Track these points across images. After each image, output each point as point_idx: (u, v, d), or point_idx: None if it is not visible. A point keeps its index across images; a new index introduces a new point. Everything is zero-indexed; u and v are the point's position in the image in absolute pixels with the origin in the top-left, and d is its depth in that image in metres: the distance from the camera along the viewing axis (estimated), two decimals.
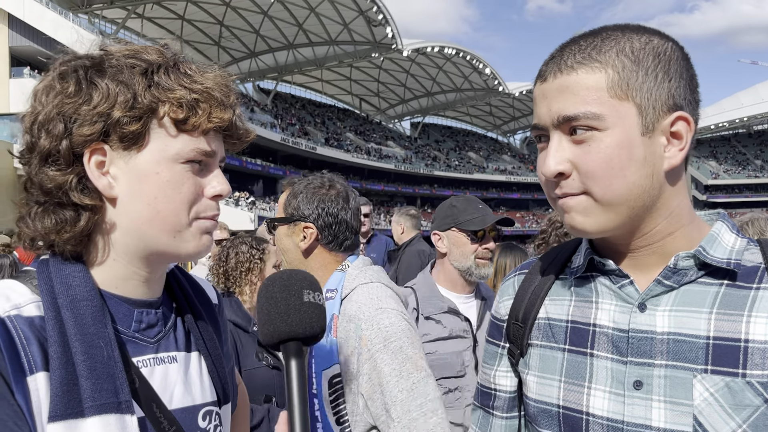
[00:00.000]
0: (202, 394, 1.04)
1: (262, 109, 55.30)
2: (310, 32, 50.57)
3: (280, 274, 0.90)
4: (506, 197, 77.48)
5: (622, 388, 0.89)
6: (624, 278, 0.93)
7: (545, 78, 0.90)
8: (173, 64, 0.94)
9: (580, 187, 0.87)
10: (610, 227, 0.88)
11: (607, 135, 0.84)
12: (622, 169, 0.85)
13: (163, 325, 1.01)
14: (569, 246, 1.07)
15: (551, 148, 0.88)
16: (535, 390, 1.00)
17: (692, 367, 0.84)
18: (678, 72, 0.87)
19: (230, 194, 1.00)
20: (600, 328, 0.93)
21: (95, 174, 0.90)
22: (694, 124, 0.88)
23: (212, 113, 0.93)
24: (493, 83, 64.13)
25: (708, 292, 0.88)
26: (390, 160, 65.74)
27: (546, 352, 1.00)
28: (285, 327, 0.82)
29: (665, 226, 0.90)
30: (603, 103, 0.84)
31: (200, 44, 50.45)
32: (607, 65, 0.85)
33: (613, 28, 0.90)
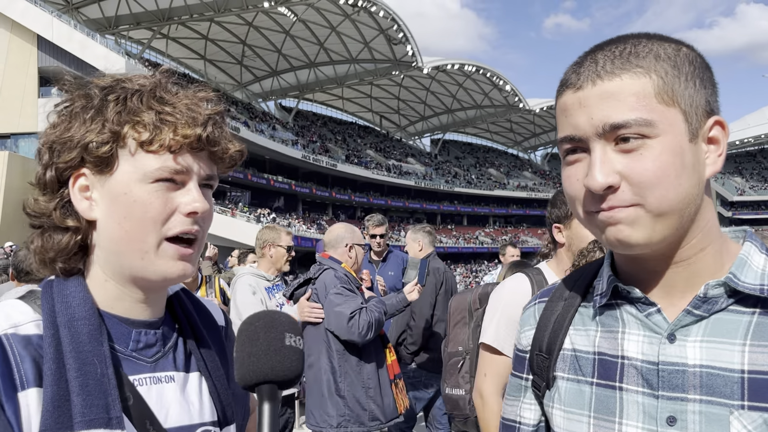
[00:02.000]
0: (200, 414, 1.05)
1: (284, 127, 55.90)
2: (331, 51, 51.16)
3: (264, 315, 0.89)
4: (527, 214, 77.02)
5: (655, 424, 0.85)
6: (651, 306, 0.88)
7: (580, 86, 0.84)
8: (150, 89, 0.97)
9: (632, 199, 0.82)
10: (658, 239, 0.83)
11: (658, 142, 0.81)
12: (677, 177, 0.81)
13: (162, 345, 1.04)
14: (589, 270, 1.04)
15: (596, 160, 0.82)
16: (563, 426, 0.97)
17: (728, 402, 0.81)
18: (709, 79, 0.86)
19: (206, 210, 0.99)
20: (629, 360, 0.89)
21: (77, 197, 0.96)
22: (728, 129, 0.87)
23: (177, 130, 0.94)
24: (514, 100, 64.11)
25: (740, 321, 0.83)
26: (410, 177, 65.85)
27: (573, 386, 0.96)
28: (265, 369, 0.81)
29: (700, 240, 0.87)
30: (653, 110, 0.81)
31: (223, 63, 51.32)
32: (650, 70, 0.82)
33: (638, 36, 0.87)
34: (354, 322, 3.47)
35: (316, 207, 58.15)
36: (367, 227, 5.50)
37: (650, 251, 0.86)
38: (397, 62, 51.98)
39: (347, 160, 59.35)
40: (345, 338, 3.53)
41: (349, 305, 3.52)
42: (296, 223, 47.57)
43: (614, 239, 0.84)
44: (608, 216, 0.83)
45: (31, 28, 31.84)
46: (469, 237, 67.59)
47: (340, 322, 3.50)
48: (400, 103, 67.10)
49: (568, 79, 0.87)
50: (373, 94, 64.78)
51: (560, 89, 0.89)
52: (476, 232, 70.13)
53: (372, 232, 5.43)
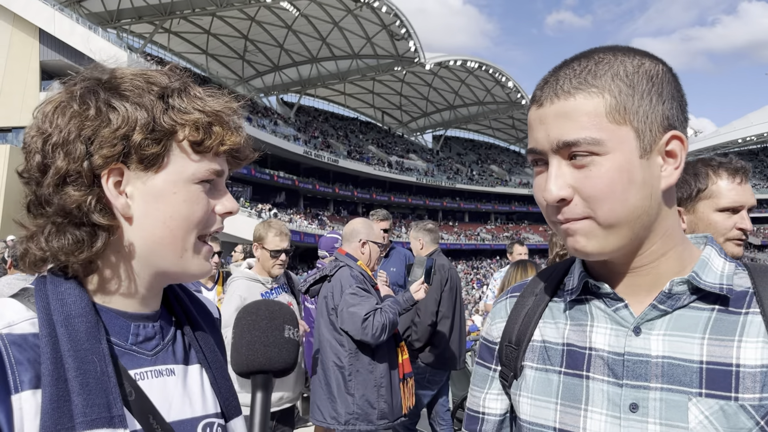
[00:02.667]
0: (203, 406, 1.05)
1: (285, 122, 55.84)
2: (333, 46, 51.06)
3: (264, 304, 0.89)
4: (529, 211, 76.94)
5: (618, 411, 0.90)
6: (619, 302, 0.94)
7: (541, 103, 0.90)
8: (183, 87, 0.97)
9: (583, 212, 0.87)
10: (612, 249, 0.89)
11: (607, 159, 0.85)
12: (623, 192, 0.85)
13: (161, 338, 1.03)
14: (561, 267, 1.08)
15: (551, 174, 0.88)
16: (529, 412, 1.00)
17: (687, 390, 0.86)
18: (670, 93, 0.89)
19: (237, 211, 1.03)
20: (596, 352, 0.94)
21: (113, 194, 0.92)
22: (687, 142, 0.90)
23: (225, 136, 0.97)
24: (516, 96, 63.98)
25: (700, 317, 0.89)
26: (412, 173, 65.82)
27: (541, 375, 1.00)
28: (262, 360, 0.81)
29: (660, 246, 0.92)
30: (602, 129, 0.85)
31: (225, 58, 51.25)
32: (603, 90, 0.86)
33: (604, 50, 0.90)
34: (368, 324, 3.48)
35: (318, 203, 58.11)
36: (373, 221, 5.49)
37: (610, 258, 0.91)
38: (400, 58, 51.86)
39: (349, 155, 59.32)
40: (359, 339, 3.53)
41: (363, 306, 3.52)
42: (297, 218, 47.56)
43: (572, 248, 0.91)
44: (566, 228, 0.89)
45: (33, 21, 31.78)
46: (471, 234, 67.56)
47: (354, 322, 3.50)
48: (402, 99, 66.99)
49: (534, 95, 0.92)
50: (375, 90, 64.68)
51: (529, 104, 0.94)
52: (477, 229, 70.10)
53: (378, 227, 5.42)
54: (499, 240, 66.81)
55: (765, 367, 0.84)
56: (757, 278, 0.91)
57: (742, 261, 0.99)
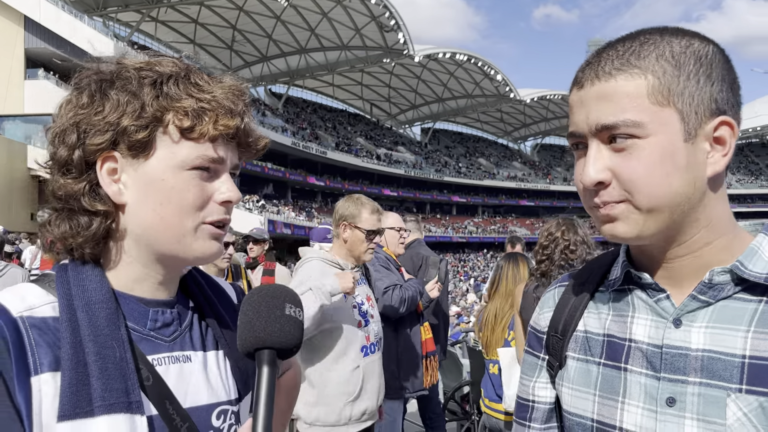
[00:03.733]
0: (218, 392, 1.05)
1: (273, 113, 55.59)
2: (322, 37, 50.81)
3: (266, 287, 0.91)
4: (516, 204, 77.28)
5: (655, 405, 0.89)
6: (660, 292, 0.92)
7: (582, 85, 0.88)
8: (184, 74, 0.97)
9: (620, 195, 0.85)
10: (649, 234, 0.87)
11: (648, 143, 0.83)
12: (664, 177, 0.83)
13: (179, 324, 1.04)
14: (607, 258, 1.07)
15: (590, 157, 0.87)
16: (570, 403, 1.00)
17: (726, 386, 0.83)
18: (720, 75, 0.85)
19: (240, 200, 1.02)
20: (635, 343, 0.93)
21: (106, 181, 0.95)
22: (738, 128, 0.86)
23: (218, 121, 0.95)
24: (505, 90, 64.08)
25: (746, 309, 0.85)
26: (400, 166, 65.82)
27: (582, 366, 1.00)
28: (263, 335, 0.84)
29: (704, 234, 0.89)
30: (643, 110, 0.82)
31: (213, 48, 50.82)
32: (647, 71, 0.83)
33: (652, 31, 0.87)
34: (387, 296, 3.73)
35: (306, 194, 58.03)
36: None
37: (648, 243, 0.90)
38: (389, 50, 51.72)
39: (337, 147, 59.20)
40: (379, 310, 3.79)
41: (384, 281, 3.77)
42: (285, 210, 47.47)
43: (609, 234, 0.89)
44: (604, 214, 0.87)
45: (18, 8, 31.27)
46: (458, 226, 67.77)
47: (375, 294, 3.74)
48: (391, 91, 66.87)
49: (576, 76, 0.90)
50: (363, 82, 64.49)
51: (571, 87, 0.92)
52: (465, 222, 70.31)
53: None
54: (487, 233, 67.12)
55: None
56: None
57: None
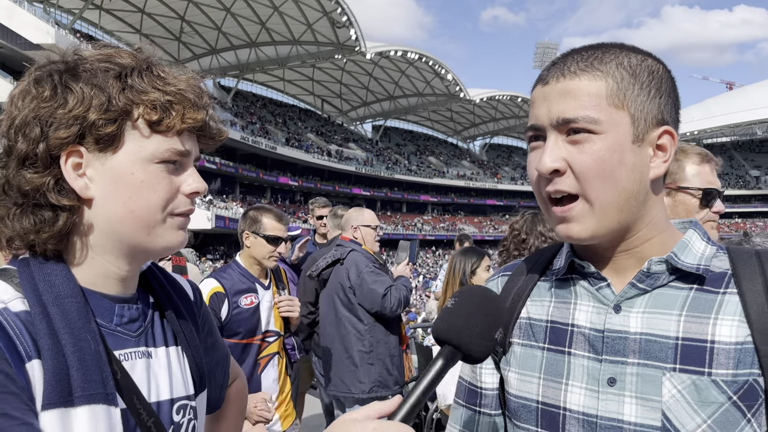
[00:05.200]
0: (178, 387, 1.06)
1: (222, 107, 54.61)
2: (273, 31, 50.21)
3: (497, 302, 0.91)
4: (465, 202, 78.24)
5: (596, 385, 0.94)
6: (602, 281, 0.98)
7: (547, 81, 0.95)
8: (146, 66, 0.96)
9: (572, 185, 0.92)
10: (602, 233, 0.94)
11: (601, 138, 0.90)
12: (612, 171, 0.90)
13: (144, 319, 1.04)
14: (552, 249, 1.13)
15: (548, 147, 0.93)
16: (515, 386, 1.05)
17: (662, 365, 0.90)
18: (667, 91, 0.94)
19: (206, 191, 1.02)
20: (578, 328, 0.99)
21: (72, 175, 0.93)
22: (677, 139, 0.95)
23: (186, 114, 0.96)
24: (455, 89, 64.75)
25: (678, 295, 0.94)
26: (351, 162, 65.72)
27: (527, 351, 1.04)
28: (469, 341, 0.84)
29: (645, 232, 0.97)
30: (601, 110, 0.90)
31: (160, 39, 49.53)
32: (607, 75, 0.91)
33: (612, 45, 0.97)
34: (387, 299, 3.89)
35: (255, 190, 57.23)
36: (312, 209, 5.56)
37: (598, 242, 0.96)
38: (340, 46, 51.53)
39: (287, 143, 58.63)
40: (377, 311, 3.93)
41: (382, 283, 3.92)
42: (234, 205, 46.73)
43: (565, 234, 0.95)
44: (561, 214, 0.94)
45: None
46: (408, 224, 68.13)
47: (374, 298, 3.90)
48: (343, 87, 66.67)
49: (540, 75, 0.97)
50: (315, 77, 64.09)
51: (534, 85, 0.99)
52: (415, 219, 70.76)
53: (318, 213, 5.51)
54: (437, 230, 67.74)
55: (739, 345, 0.88)
56: (737, 260, 0.95)
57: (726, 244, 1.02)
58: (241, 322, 3.10)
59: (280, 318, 3.34)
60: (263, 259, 3.23)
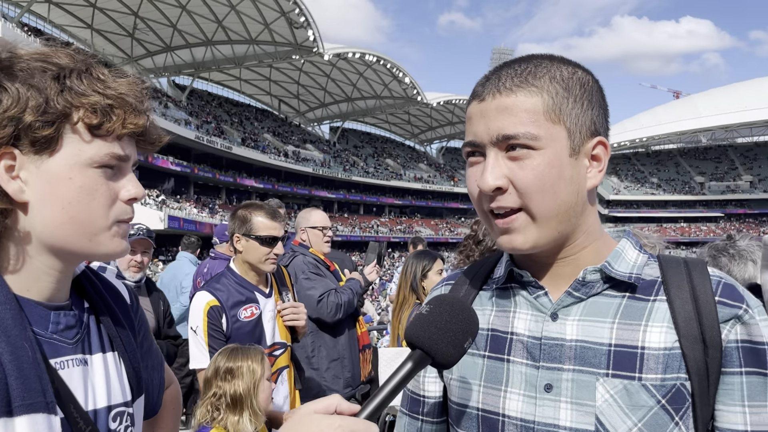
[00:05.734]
0: (115, 394, 1.04)
1: (176, 105, 53.60)
2: (229, 30, 49.55)
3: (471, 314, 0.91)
4: (422, 205, 78.72)
5: (534, 391, 0.96)
6: (539, 290, 1.00)
7: (483, 98, 0.95)
8: (85, 68, 0.93)
9: (515, 201, 0.93)
10: (543, 243, 0.95)
11: (540, 154, 0.91)
12: (552, 185, 0.92)
13: (79, 326, 1.01)
14: (493, 258, 1.14)
15: (489, 164, 0.93)
16: (457, 394, 1.06)
17: (596, 371, 0.93)
18: (598, 102, 0.97)
19: (144, 196, 1.01)
20: (517, 336, 1.01)
21: (5, 178, 0.89)
22: (609, 148, 0.98)
23: (127, 119, 0.93)
24: (412, 93, 65.09)
25: (612, 303, 0.96)
26: (308, 164, 65.35)
27: (467, 358, 1.05)
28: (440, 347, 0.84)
29: (582, 240, 0.99)
30: (540, 125, 0.91)
31: (112, 34, 48.36)
32: (542, 90, 0.92)
33: (541, 57, 0.98)
34: (323, 304, 3.79)
35: (210, 190, 56.33)
36: None
37: (538, 252, 0.98)
38: (298, 46, 51.22)
39: (243, 143, 57.92)
40: (315, 317, 3.83)
41: (317, 288, 3.82)
42: (187, 206, 45.91)
43: (507, 245, 0.97)
44: (503, 225, 0.95)
45: None
46: (365, 226, 68.16)
47: (310, 304, 3.77)
48: (300, 88, 66.25)
49: (476, 90, 0.98)
50: (272, 77, 63.50)
51: (469, 99, 0.99)
52: (372, 221, 70.84)
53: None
54: (394, 233, 67.97)
55: (668, 350, 0.91)
56: (666, 268, 0.98)
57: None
58: (242, 338, 2.74)
59: (285, 327, 3.04)
60: (259, 263, 2.87)
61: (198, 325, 2.72)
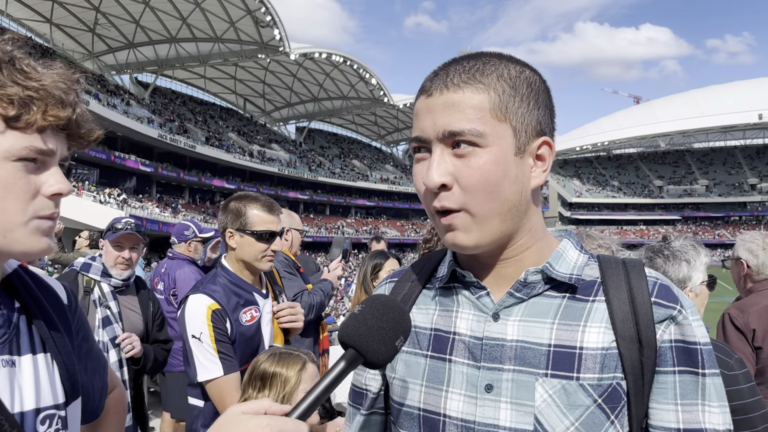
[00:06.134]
0: (45, 397, 1.01)
1: (139, 103, 52.57)
2: (194, 27, 48.87)
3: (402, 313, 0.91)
4: (389, 206, 78.86)
5: (475, 391, 0.97)
6: (482, 290, 1.00)
7: (430, 93, 0.94)
8: (8, 59, 0.91)
9: (458, 200, 0.92)
10: (486, 242, 0.95)
11: (486, 152, 0.91)
12: (497, 184, 0.91)
13: (8, 326, 0.98)
14: (436, 257, 1.15)
15: (434, 161, 0.93)
16: (399, 393, 1.07)
17: (535, 371, 0.93)
18: (544, 102, 0.97)
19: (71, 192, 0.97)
20: (459, 336, 1.01)
21: None
22: (554, 149, 0.98)
23: (48, 111, 0.90)
24: (379, 94, 65.19)
25: (552, 304, 0.97)
26: (274, 164, 64.83)
27: (411, 358, 1.06)
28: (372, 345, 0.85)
29: (525, 241, 0.99)
30: (486, 123, 0.91)
31: (73, 29, 47.27)
32: (489, 87, 0.92)
33: (491, 54, 0.97)
34: None
35: (173, 190, 55.43)
36: None
37: (481, 251, 0.98)
38: (264, 45, 50.81)
39: (207, 142, 57.12)
40: None
41: (292, 288, 3.76)
42: (149, 205, 45.12)
43: (451, 243, 0.96)
44: (446, 222, 0.95)
45: None
46: (332, 227, 67.96)
47: None
48: (266, 87, 65.74)
49: (423, 86, 0.97)
50: (237, 76, 62.86)
51: (417, 95, 0.99)
52: (338, 222, 70.68)
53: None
54: (360, 234, 67.92)
55: (604, 350, 0.92)
56: (606, 269, 0.99)
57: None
58: (242, 345, 2.49)
59: (280, 330, 2.81)
60: (255, 261, 2.58)
61: (202, 331, 2.40)
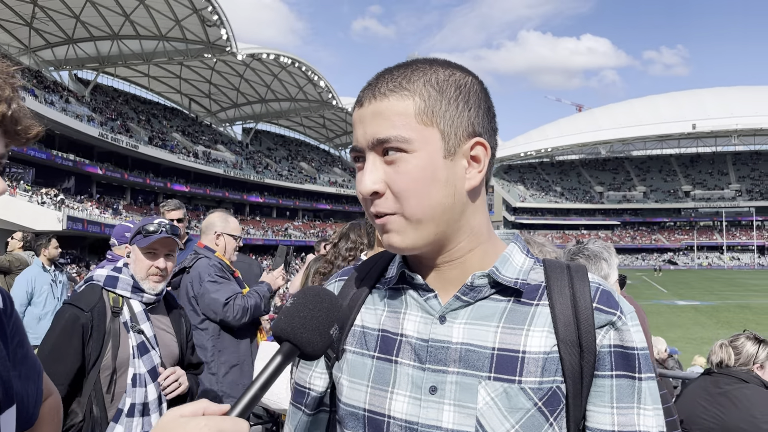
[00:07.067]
0: None
1: (78, 101, 50.83)
2: (137, 24, 47.64)
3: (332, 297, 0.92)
4: (336, 209, 78.68)
5: (419, 393, 0.97)
6: (429, 292, 1.01)
7: (362, 104, 0.98)
8: None
9: (392, 206, 0.95)
10: (421, 244, 0.97)
11: (413, 157, 0.93)
12: (426, 188, 0.93)
13: None
14: (385, 258, 1.16)
15: (366, 169, 0.96)
16: (345, 394, 1.07)
17: (478, 374, 0.94)
18: (477, 102, 0.97)
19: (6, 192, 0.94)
20: (406, 338, 1.01)
21: None
22: (491, 150, 0.98)
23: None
24: (327, 96, 65.08)
25: (498, 307, 0.98)
26: (219, 165, 63.77)
27: (358, 359, 1.07)
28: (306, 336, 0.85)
29: (467, 243, 1.00)
30: (411, 128, 0.93)
31: (8, 23, 45.31)
32: (414, 93, 0.94)
33: (423, 62, 0.99)
34: (229, 307, 3.80)
35: (113, 190, 53.76)
36: (163, 212, 5.19)
37: (421, 253, 1.00)
38: (211, 45, 49.97)
39: (150, 142, 55.72)
40: (221, 320, 3.83)
41: (224, 292, 3.82)
42: (89, 206, 43.66)
43: (387, 244, 0.99)
44: (382, 224, 0.97)
45: None
46: (278, 230, 67.33)
47: (216, 307, 3.80)
48: (212, 87, 64.66)
49: (358, 96, 1.00)
50: (182, 75, 61.60)
51: (354, 105, 1.01)
52: (285, 225, 70.08)
53: (169, 217, 5.15)
54: (307, 237, 67.51)
55: (546, 354, 0.94)
56: (550, 273, 1.01)
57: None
58: None
59: None
60: None
61: None
